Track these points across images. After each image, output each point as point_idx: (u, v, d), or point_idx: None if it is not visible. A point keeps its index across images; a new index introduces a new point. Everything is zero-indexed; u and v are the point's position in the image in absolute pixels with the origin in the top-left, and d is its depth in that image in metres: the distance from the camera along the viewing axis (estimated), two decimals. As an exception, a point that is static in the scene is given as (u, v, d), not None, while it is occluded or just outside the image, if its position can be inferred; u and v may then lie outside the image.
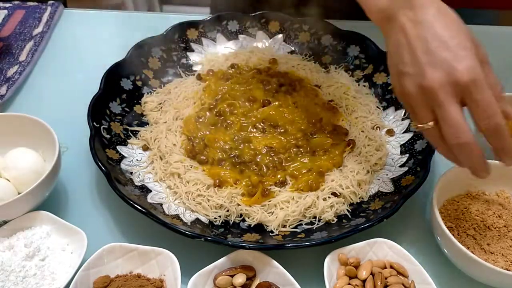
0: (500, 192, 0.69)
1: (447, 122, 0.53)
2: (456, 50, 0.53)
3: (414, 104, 0.55)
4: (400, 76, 0.56)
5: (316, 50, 0.91)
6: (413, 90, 0.54)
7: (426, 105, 0.54)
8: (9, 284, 0.58)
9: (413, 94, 0.55)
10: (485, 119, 0.52)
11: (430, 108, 0.54)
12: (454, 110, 0.52)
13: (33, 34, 0.97)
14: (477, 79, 0.52)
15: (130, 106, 0.80)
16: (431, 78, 0.53)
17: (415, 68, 0.54)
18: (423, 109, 0.55)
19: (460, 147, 0.53)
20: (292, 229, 0.66)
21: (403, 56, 0.55)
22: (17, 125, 0.71)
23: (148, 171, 0.73)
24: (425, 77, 0.53)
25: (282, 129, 0.76)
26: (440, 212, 0.62)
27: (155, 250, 0.61)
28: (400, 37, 0.56)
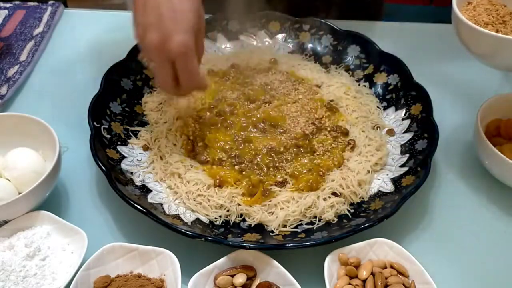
0: None
1: (156, 73, 0.67)
2: (179, 23, 0.62)
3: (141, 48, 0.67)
4: (133, 21, 0.66)
5: (316, 50, 0.91)
6: (139, 38, 0.65)
7: (147, 53, 0.66)
8: (10, 284, 0.58)
9: (139, 42, 0.66)
10: (184, 82, 0.66)
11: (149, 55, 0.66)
12: (164, 69, 0.65)
13: (34, 34, 0.97)
14: (186, 52, 0.62)
15: (131, 106, 0.80)
16: (150, 38, 0.62)
17: (144, 24, 0.63)
18: (145, 53, 0.67)
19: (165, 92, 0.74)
20: (293, 229, 0.66)
21: (138, 6, 0.64)
22: (18, 125, 0.71)
23: (148, 171, 0.73)
24: (147, 36, 0.63)
25: (282, 129, 0.76)
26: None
27: (155, 250, 0.61)
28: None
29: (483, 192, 0.73)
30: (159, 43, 0.62)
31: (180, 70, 0.65)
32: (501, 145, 0.72)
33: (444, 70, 0.92)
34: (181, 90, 0.68)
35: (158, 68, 0.66)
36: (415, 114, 0.78)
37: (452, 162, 0.77)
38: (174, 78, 0.66)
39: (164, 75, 0.66)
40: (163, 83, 0.67)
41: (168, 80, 0.66)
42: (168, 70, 0.65)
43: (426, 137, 0.74)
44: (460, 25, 0.70)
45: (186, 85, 0.67)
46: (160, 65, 0.65)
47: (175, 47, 0.62)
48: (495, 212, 0.71)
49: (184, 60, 0.63)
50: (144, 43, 0.64)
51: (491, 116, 0.76)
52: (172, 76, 0.65)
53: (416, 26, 1.02)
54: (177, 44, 0.61)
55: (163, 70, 0.65)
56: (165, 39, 0.62)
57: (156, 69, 0.66)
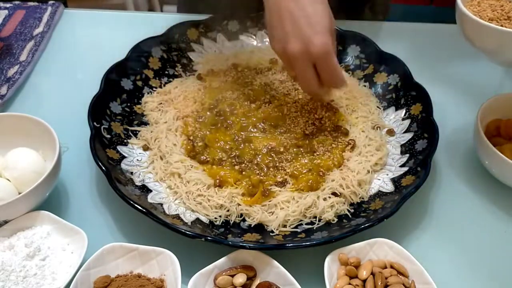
0: None
1: (301, 80, 0.72)
2: (316, 26, 0.66)
3: (280, 58, 0.72)
4: (271, 37, 0.71)
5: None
6: (280, 51, 0.70)
7: (288, 63, 0.70)
8: (10, 284, 0.58)
9: (279, 54, 0.71)
10: (328, 80, 0.70)
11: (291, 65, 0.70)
12: (308, 73, 0.69)
13: (34, 34, 0.97)
14: (327, 53, 0.66)
15: (131, 106, 0.80)
16: (292, 47, 0.67)
17: (283, 36, 0.68)
18: (287, 64, 0.72)
19: (309, 93, 0.77)
20: (293, 229, 0.66)
21: (272, 21, 0.69)
22: (18, 125, 0.71)
23: (148, 171, 0.73)
24: (288, 45, 0.67)
25: (283, 129, 0.76)
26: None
27: (155, 250, 0.61)
28: (272, 5, 0.69)
29: (483, 192, 0.73)
30: (302, 50, 0.66)
31: (323, 70, 0.68)
32: (501, 145, 0.72)
33: (444, 70, 0.92)
34: (325, 89, 0.73)
35: (303, 73, 0.69)
36: (415, 114, 0.78)
37: (452, 162, 0.77)
38: (317, 81, 0.70)
39: (309, 79, 0.70)
40: (310, 87, 0.71)
41: (314, 83, 0.70)
42: (311, 73, 0.69)
43: (426, 137, 0.74)
44: (465, 20, 0.71)
45: (329, 83, 0.71)
46: (304, 69, 0.68)
47: (317, 49, 0.66)
48: (495, 212, 0.71)
49: (326, 60, 0.67)
50: (287, 53, 0.68)
51: (491, 116, 0.76)
52: (315, 78, 0.70)
53: (416, 26, 1.02)
54: (319, 46, 0.65)
55: (308, 74, 0.69)
56: (307, 44, 0.66)
57: (301, 74, 0.70)
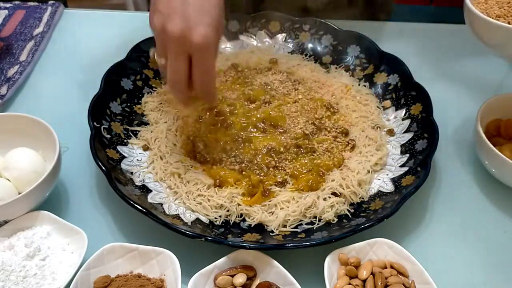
0: None
1: (170, 68, 0.62)
2: (206, 14, 0.59)
3: (156, 37, 0.62)
4: (153, 9, 0.61)
5: (316, 50, 0.91)
6: (158, 26, 0.60)
7: (163, 44, 0.61)
8: (10, 284, 0.58)
9: (157, 30, 0.61)
10: (199, 79, 0.62)
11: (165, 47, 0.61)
12: (179, 62, 0.60)
13: (34, 34, 0.97)
14: (208, 47, 0.59)
15: (131, 106, 0.80)
16: (173, 27, 0.58)
17: (167, 11, 0.59)
18: (161, 46, 0.62)
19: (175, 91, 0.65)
20: (293, 229, 0.66)
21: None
22: (18, 125, 0.71)
23: (148, 171, 0.73)
24: (169, 23, 0.58)
25: (282, 129, 0.76)
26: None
27: (155, 250, 0.61)
28: None
29: (483, 192, 0.73)
30: (181, 32, 0.58)
31: (196, 65, 0.61)
32: (501, 145, 0.72)
33: (444, 70, 0.92)
34: (192, 93, 0.64)
35: (173, 61, 0.61)
36: (415, 114, 0.78)
37: (452, 162, 0.77)
38: (188, 77, 0.62)
39: (178, 70, 0.61)
40: (175, 80, 0.62)
41: (181, 77, 0.61)
42: (184, 64, 0.60)
43: (426, 137, 0.74)
44: (473, 18, 0.71)
45: (198, 85, 0.63)
46: (176, 57, 0.60)
47: (197, 38, 0.58)
48: (495, 212, 0.71)
49: (204, 55, 0.59)
50: (164, 31, 0.59)
51: (491, 116, 0.76)
52: (186, 73, 0.61)
53: (416, 26, 1.02)
54: (201, 36, 0.58)
55: (178, 63, 0.60)
56: (189, 29, 0.58)
57: (171, 62, 0.61)
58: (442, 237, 0.68)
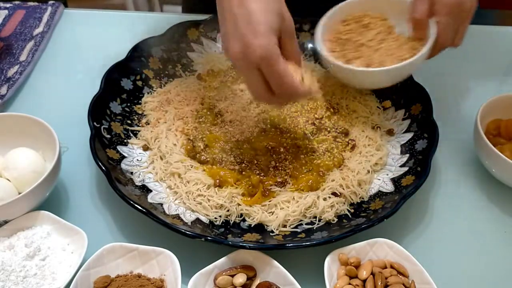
0: None
1: (247, 87, 0.65)
2: (255, 26, 0.59)
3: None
4: (222, 36, 0.63)
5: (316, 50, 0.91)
6: (224, 53, 0.63)
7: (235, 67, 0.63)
8: (10, 283, 0.58)
9: (225, 54, 0.63)
10: (276, 88, 0.62)
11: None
12: (251, 77, 0.62)
13: (34, 34, 0.97)
14: (267, 57, 0.59)
15: (131, 106, 0.80)
16: (232, 48, 0.60)
17: (224, 34, 0.62)
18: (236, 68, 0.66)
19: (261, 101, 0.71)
20: (293, 229, 0.66)
21: (219, 19, 0.63)
22: (18, 125, 0.71)
23: (148, 171, 0.73)
24: (229, 47, 0.61)
25: (282, 129, 0.76)
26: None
27: (155, 250, 0.61)
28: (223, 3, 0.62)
29: (483, 192, 0.73)
30: (240, 53, 0.59)
31: (267, 75, 0.61)
32: (501, 145, 0.72)
33: (444, 70, 0.92)
34: (279, 99, 0.64)
35: (246, 78, 0.63)
36: (415, 114, 0.78)
37: (452, 162, 0.77)
38: (267, 87, 0.62)
39: (254, 85, 0.63)
40: (256, 93, 0.64)
41: (260, 89, 0.62)
42: (257, 77, 0.61)
43: (426, 137, 0.74)
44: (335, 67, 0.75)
45: (279, 91, 0.62)
46: (247, 74, 0.62)
47: (255, 53, 0.58)
48: (495, 212, 0.71)
49: (268, 64, 0.59)
50: (228, 55, 0.62)
51: (491, 116, 0.76)
52: (263, 84, 0.62)
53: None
54: (258, 50, 0.58)
55: (251, 79, 0.62)
56: (245, 47, 0.59)
57: (245, 79, 0.64)
58: (442, 237, 0.68)
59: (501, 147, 0.71)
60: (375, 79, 0.75)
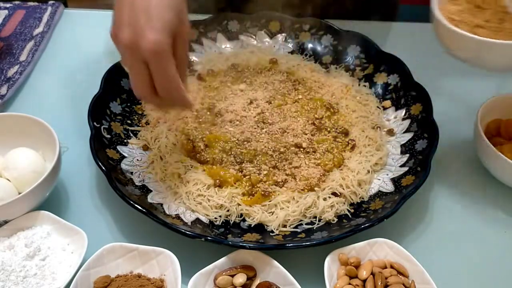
0: None
1: (130, 77, 0.61)
2: (154, 19, 0.56)
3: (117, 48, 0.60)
4: (112, 22, 0.60)
5: (316, 50, 0.91)
6: (112, 37, 0.59)
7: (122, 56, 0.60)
8: (10, 284, 0.58)
9: (113, 42, 0.60)
10: (159, 86, 0.59)
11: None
12: (136, 70, 0.59)
13: (34, 34, 0.97)
14: (158, 53, 0.56)
15: (131, 106, 0.80)
16: (122, 34, 0.57)
17: (118, 21, 0.59)
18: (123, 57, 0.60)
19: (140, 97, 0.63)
20: (293, 229, 0.66)
21: (116, 5, 0.60)
22: (18, 125, 0.71)
23: (148, 171, 0.73)
24: (119, 33, 0.58)
25: (282, 129, 0.76)
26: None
27: (155, 250, 0.61)
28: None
29: (483, 192, 0.73)
30: (130, 41, 0.56)
31: (153, 73, 0.58)
32: (501, 145, 0.72)
33: (444, 70, 0.92)
34: (162, 101, 0.62)
35: (131, 70, 0.60)
36: (415, 114, 0.78)
37: (452, 162, 0.77)
38: (151, 85, 0.60)
39: (138, 79, 0.60)
40: (138, 88, 0.60)
41: (143, 85, 0.59)
42: (142, 71, 0.58)
43: (426, 137, 0.74)
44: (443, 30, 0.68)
45: (163, 93, 0.60)
46: (133, 66, 0.59)
47: (147, 45, 0.56)
48: (495, 212, 0.71)
49: (158, 62, 0.57)
50: (116, 41, 0.59)
51: (491, 116, 0.76)
52: (148, 81, 0.59)
53: (416, 26, 1.02)
54: (150, 43, 0.55)
55: (136, 71, 0.59)
56: (137, 37, 0.56)
57: (130, 71, 0.60)
58: (442, 237, 0.68)
59: (501, 147, 0.71)
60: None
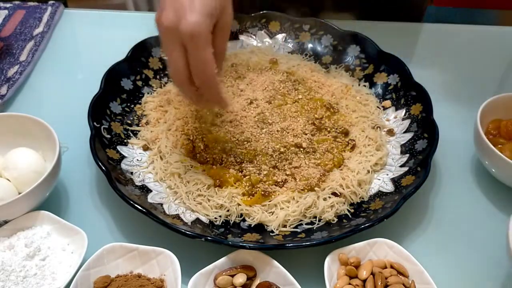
0: None
1: (168, 61, 0.61)
2: (196, 3, 0.57)
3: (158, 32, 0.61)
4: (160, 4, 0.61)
5: (316, 50, 0.91)
6: (156, 21, 0.60)
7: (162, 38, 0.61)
8: (10, 284, 0.58)
9: (156, 24, 0.60)
10: (195, 70, 0.60)
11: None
12: (175, 53, 0.59)
13: (34, 34, 0.97)
14: (197, 35, 0.57)
15: (130, 106, 0.80)
16: (165, 16, 0.58)
17: (162, 5, 0.59)
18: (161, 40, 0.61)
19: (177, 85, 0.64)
20: (293, 229, 0.66)
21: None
22: (18, 125, 0.71)
23: (148, 171, 0.73)
24: (162, 15, 0.58)
25: (282, 129, 0.76)
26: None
27: (155, 250, 0.61)
28: None
29: (483, 192, 0.73)
30: (171, 23, 0.57)
31: (190, 56, 0.59)
32: (501, 145, 0.72)
33: (444, 70, 0.92)
34: (198, 94, 0.63)
35: (170, 55, 0.60)
36: (415, 114, 0.78)
37: (452, 162, 0.77)
38: (188, 72, 0.60)
39: (175, 64, 0.60)
40: (174, 73, 0.61)
41: (180, 72, 0.60)
42: (180, 55, 0.59)
43: (426, 137, 0.74)
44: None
45: (198, 80, 0.61)
46: (171, 49, 0.59)
47: (186, 27, 0.56)
48: (495, 212, 0.71)
49: (195, 44, 0.57)
50: (159, 24, 0.59)
51: (491, 116, 0.76)
52: (184, 66, 0.60)
53: (416, 26, 1.02)
54: (190, 25, 0.56)
55: (174, 55, 0.60)
56: (178, 19, 0.57)
57: (168, 55, 0.61)
58: (442, 237, 0.68)
59: (501, 147, 0.71)
60: None
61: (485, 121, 0.75)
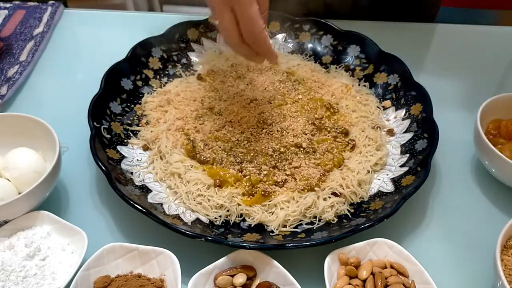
0: None
1: (219, 24, 0.67)
2: None
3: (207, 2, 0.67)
4: None
5: (316, 50, 0.91)
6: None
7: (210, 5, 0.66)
8: (10, 283, 0.58)
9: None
10: (244, 30, 0.64)
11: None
12: (225, 16, 0.64)
13: (34, 34, 0.97)
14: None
15: (130, 106, 0.80)
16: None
17: None
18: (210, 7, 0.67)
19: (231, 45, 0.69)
20: (293, 229, 0.66)
21: None
22: (18, 125, 0.71)
23: (148, 171, 0.73)
24: None
25: (282, 129, 0.76)
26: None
27: (155, 250, 0.61)
28: None
29: (483, 192, 0.73)
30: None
31: (239, 17, 0.63)
32: (501, 145, 0.72)
33: (444, 70, 0.92)
34: (249, 50, 0.67)
35: (221, 20, 0.65)
36: (415, 114, 0.78)
37: (452, 162, 0.77)
38: (239, 33, 0.65)
39: (227, 28, 0.65)
40: (228, 36, 0.66)
41: (232, 33, 0.65)
42: (230, 17, 0.64)
43: (426, 137, 0.74)
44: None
45: (248, 37, 0.65)
46: (220, 12, 0.64)
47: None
48: (495, 212, 0.71)
49: (242, 4, 0.62)
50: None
51: (491, 116, 0.76)
52: (235, 28, 0.65)
53: (416, 26, 1.02)
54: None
55: (224, 19, 0.64)
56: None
57: (218, 18, 0.66)
58: (442, 237, 0.68)
59: (501, 147, 0.71)
60: None
61: (485, 121, 0.75)
